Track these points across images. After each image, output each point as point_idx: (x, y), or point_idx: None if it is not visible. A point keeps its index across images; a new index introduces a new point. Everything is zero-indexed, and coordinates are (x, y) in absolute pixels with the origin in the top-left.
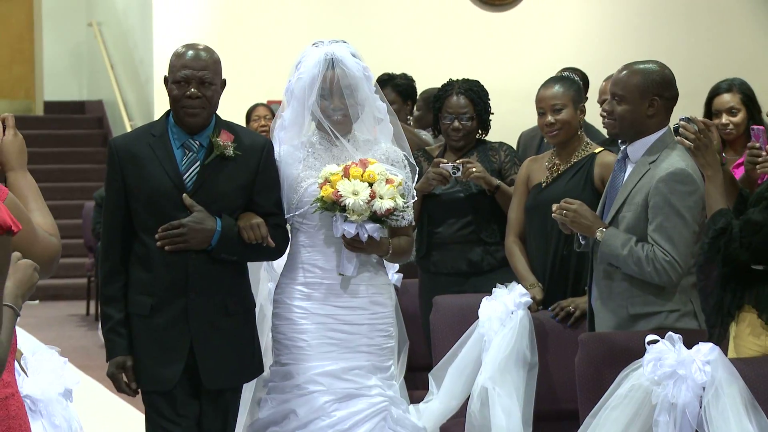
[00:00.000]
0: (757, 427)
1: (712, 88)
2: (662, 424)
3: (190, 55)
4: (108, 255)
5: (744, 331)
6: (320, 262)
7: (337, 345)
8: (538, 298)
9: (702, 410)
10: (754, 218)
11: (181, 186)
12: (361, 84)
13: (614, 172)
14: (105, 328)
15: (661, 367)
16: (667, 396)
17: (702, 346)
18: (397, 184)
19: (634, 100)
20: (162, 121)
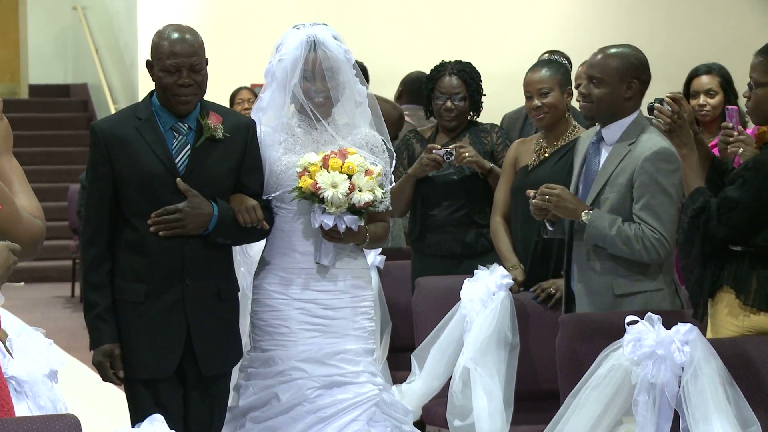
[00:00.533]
0: (735, 405)
1: (692, 70)
2: (642, 403)
3: (176, 40)
4: (93, 240)
5: (722, 312)
6: (299, 246)
7: (320, 330)
8: (519, 280)
9: (681, 390)
10: (731, 195)
11: (174, 170)
12: (343, 67)
13: (588, 155)
14: (90, 315)
15: (640, 348)
16: (647, 376)
17: (681, 326)
18: (376, 175)
19: (613, 83)
20: (146, 103)
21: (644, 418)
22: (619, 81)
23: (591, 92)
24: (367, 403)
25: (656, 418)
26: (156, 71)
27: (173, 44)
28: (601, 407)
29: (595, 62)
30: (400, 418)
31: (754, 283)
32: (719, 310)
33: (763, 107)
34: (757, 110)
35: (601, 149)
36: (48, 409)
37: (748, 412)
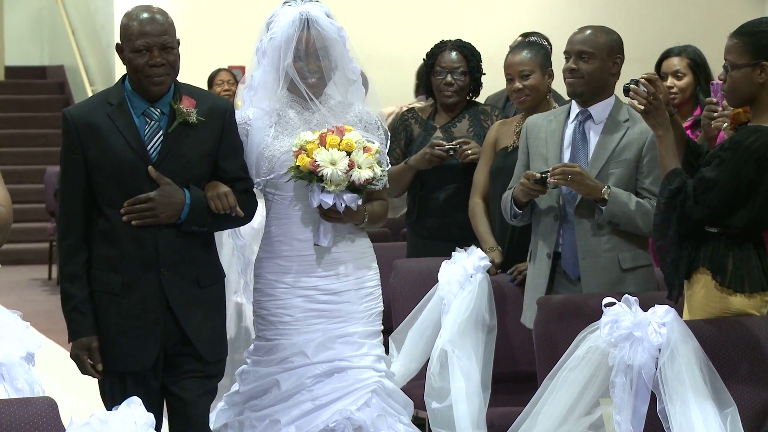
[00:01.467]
0: (712, 387)
1: (664, 51)
2: (619, 385)
3: (146, 19)
4: (68, 231)
5: (698, 293)
6: (296, 233)
7: (324, 315)
8: (497, 262)
9: (658, 371)
10: (707, 175)
11: (146, 157)
12: (336, 45)
13: (574, 133)
14: (67, 307)
15: (617, 329)
16: (624, 357)
17: (658, 308)
18: (374, 152)
19: (603, 58)
20: (118, 88)
21: (621, 399)
22: (607, 56)
23: (580, 67)
24: (364, 389)
25: (633, 400)
26: (126, 53)
27: (143, 24)
28: (579, 389)
29: (585, 38)
30: (398, 409)
31: (730, 264)
32: (695, 291)
33: (739, 89)
34: (734, 92)
35: (589, 128)
36: (25, 392)
37: (725, 394)
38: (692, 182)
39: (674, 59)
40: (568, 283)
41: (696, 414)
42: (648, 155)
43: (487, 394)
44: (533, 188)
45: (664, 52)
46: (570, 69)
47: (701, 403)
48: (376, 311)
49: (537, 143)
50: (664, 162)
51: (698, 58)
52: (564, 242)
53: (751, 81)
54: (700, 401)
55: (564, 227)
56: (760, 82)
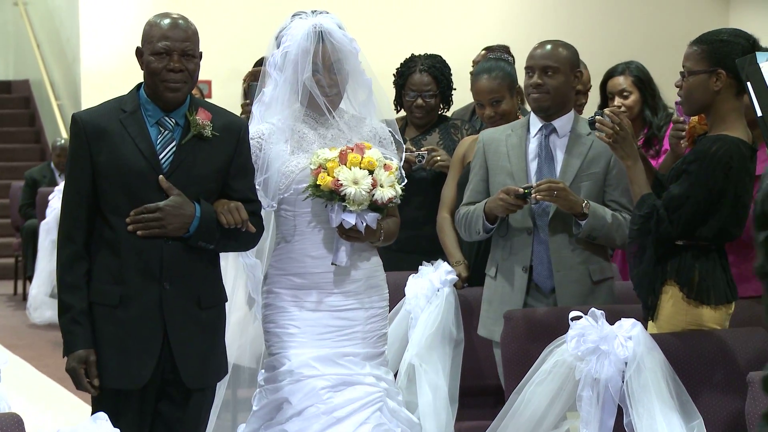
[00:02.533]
0: (678, 400)
1: (608, 71)
2: (586, 398)
3: (170, 24)
4: (70, 238)
5: (666, 304)
6: (310, 251)
7: (331, 332)
8: (463, 276)
9: (624, 384)
10: (675, 192)
11: (157, 166)
12: (349, 57)
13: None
14: (64, 318)
15: (584, 343)
16: (591, 371)
17: (624, 321)
18: (394, 170)
19: (566, 72)
20: (133, 95)
21: (588, 413)
22: (570, 70)
23: (546, 82)
24: (373, 404)
25: (600, 413)
26: (146, 56)
27: (166, 28)
28: (546, 403)
29: (548, 53)
30: (404, 429)
31: (696, 277)
32: (663, 303)
33: (694, 96)
34: (689, 99)
35: (554, 142)
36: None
37: (691, 407)
38: (661, 203)
39: (619, 78)
40: (540, 295)
41: (663, 427)
42: (615, 168)
43: (454, 407)
44: (514, 203)
45: (607, 72)
46: (536, 84)
47: (668, 416)
48: (381, 333)
49: (497, 157)
50: (636, 190)
51: (642, 75)
52: (536, 256)
53: (706, 88)
54: (667, 414)
55: (536, 241)
56: (715, 89)
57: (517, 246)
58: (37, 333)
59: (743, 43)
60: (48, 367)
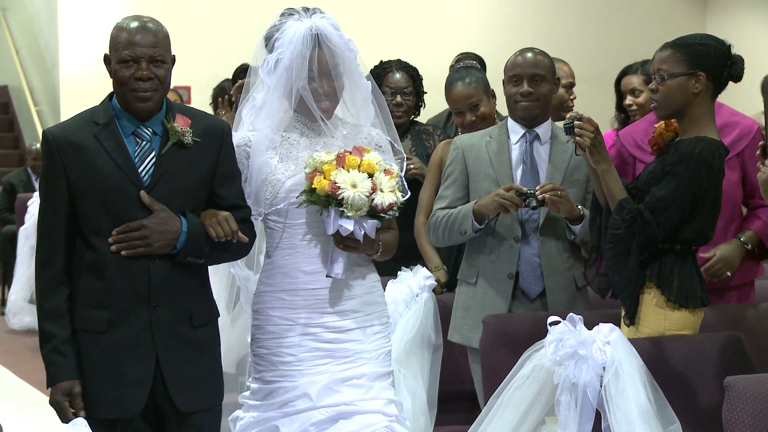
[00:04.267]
0: (656, 404)
1: (622, 70)
2: (564, 403)
3: (136, 29)
4: (49, 263)
5: (647, 307)
6: (303, 265)
7: (330, 355)
8: (442, 281)
9: (602, 389)
10: (661, 194)
11: (137, 181)
12: (347, 61)
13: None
14: (46, 348)
15: (562, 348)
16: (569, 376)
17: (602, 326)
18: (395, 176)
19: (550, 80)
20: (105, 106)
21: (566, 417)
22: (552, 77)
23: (536, 90)
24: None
25: (578, 418)
26: (113, 64)
27: (132, 33)
28: (524, 407)
29: (534, 61)
30: None
31: (675, 281)
32: (644, 306)
33: (672, 98)
34: (667, 101)
35: (537, 148)
36: None
37: (669, 411)
38: (645, 206)
39: (632, 77)
40: (526, 301)
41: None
42: None
43: (433, 412)
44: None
45: (621, 71)
46: (527, 93)
47: (645, 420)
48: (386, 350)
49: (479, 164)
50: (613, 194)
51: None
52: (523, 263)
53: (685, 90)
54: (645, 419)
55: (523, 248)
56: (694, 92)
57: (503, 253)
58: (17, 339)
59: (721, 48)
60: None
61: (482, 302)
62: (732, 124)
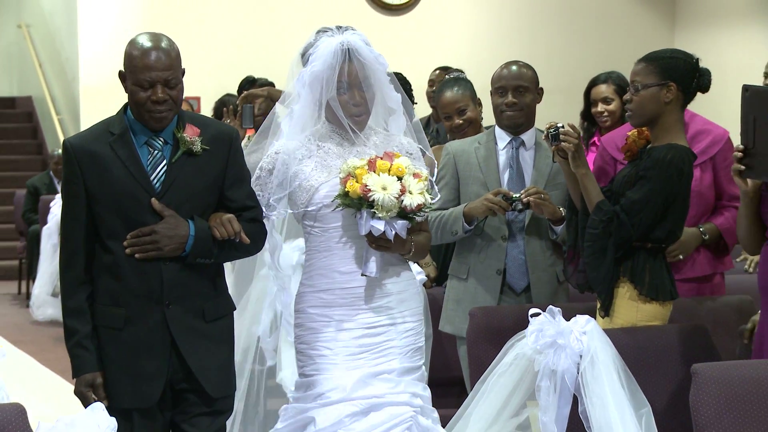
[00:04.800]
0: (628, 389)
1: (591, 79)
2: (544, 389)
3: (151, 54)
4: (70, 264)
5: (621, 300)
6: (338, 266)
7: (364, 350)
8: (432, 276)
9: (579, 376)
10: (635, 197)
11: (149, 188)
12: (377, 74)
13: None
14: (70, 342)
15: (542, 338)
16: (548, 363)
17: (579, 318)
18: (424, 179)
19: (533, 90)
20: (120, 117)
21: (546, 402)
22: (535, 88)
23: (520, 101)
24: (400, 425)
25: (557, 402)
26: (129, 84)
27: (147, 57)
28: (507, 392)
29: (519, 73)
30: None
31: (647, 276)
32: (618, 300)
33: (646, 108)
34: (641, 110)
35: (522, 154)
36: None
37: (640, 396)
38: (621, 208)
39: (602, 86)
40: (513, 294)
41: (614, 414)
42: None
43: None
44: (499, 204)
45: (591, 80)
46: (511, 103)
47: (619, 404)
48: (416, 346)
49: (469, 168)
50: (591, 197)
51: (623, 83)
52: (510, 260)
53: (658, 100)
54: (618, 403)
55: (510, 246)
56: (666, 101)
57: (492, 251)
58: (40, 329)
59: (690, 61)
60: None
61: (473, 296)
62: (705, 132)
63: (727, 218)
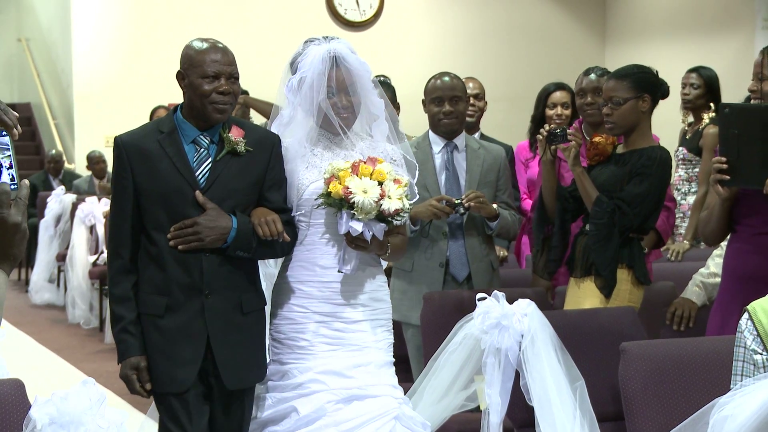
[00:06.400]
0: (564, 365)
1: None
2: (490, 365)
3: (216, 49)
4: (117, 253)
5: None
6: (319, 260)
7: (339, 343)
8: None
9: (521, 353)
10: (637, 191)
11: (194, 183)
12: (362, 80)
13: (446, 162)
14: (116, 328)
15: (488, 319)
16: (494, 342)
17: (521, 301)
18: (404, 185)
19: (465, 99)
20: (169, 117)
21: (492, 376)
22: (465, 96)
23: (456, 109)
24: (386, 416)
25: (501, 377)
26: (193, 79)
27: (212, 52)
28: (457, 368)
29: (453, 84)
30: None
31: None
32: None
33: (627, 118)
34: (622, 121)
35: (455, 157)
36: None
37: (575, 370)
38: (623, 201)
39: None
40: (455, 284)
41: (552, 387)
42: (504, 176)
43: None
44: (443, 210)
45: (546, 88)
46: (449, 112)
47: (556, 378)
48: (389, 341)
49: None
50: (588, 192)
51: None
52: (452, 253)
53: (636, 110)
54: (555, 377)
55: (451, 241)
56: (642, 110)
57: (435, 246)
58: (38, 312)
59: (652, 73)
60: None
61: (418, 286)
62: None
63: (662, 219)
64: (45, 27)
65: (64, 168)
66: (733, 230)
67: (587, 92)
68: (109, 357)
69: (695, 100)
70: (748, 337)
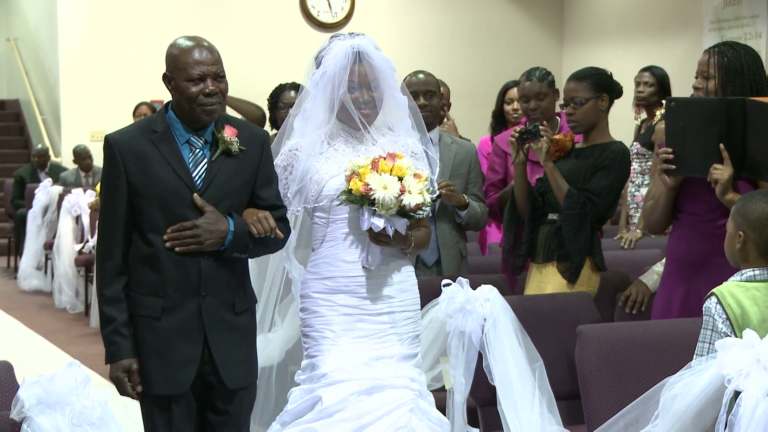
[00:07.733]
0: (524, 347)
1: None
2: (454, 347)
3: (198, 50)
4: (109, 253)
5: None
6: (343, 255)
7: (365, 335)
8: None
9: (484, 336)
10: (603, 183)
11: (191, 184)
12: (385, 76)
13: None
14: (107, 329)
15: (453, 304)
16: (458, 326)
17: (483, 287)
18: (424, 179)
19: (438, 94)
20: (161, 116)
21: (456, 358)
22: (438, 92)
23: (430, 103)
24: (403, 407)
25: (465, 358)
26: (179, 82)
27: (196, 53)
28: (424, 350)
29: (427, 80)
30: (435, 429)
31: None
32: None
33: (589, 117)
34: (585, 120)
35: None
36: None
37: (534, 352)
38: (592, 192)
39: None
40: (425, 268)
41: (512, 368)
42: (475, 170)
43: None
44: None
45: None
46: (423, 105)
47: (516, 359)
48: (414, 334)
49: None
50: (560, 185)
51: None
52: None
53: (596, 109)
54: (516, 358)
55: None
56: (602, 109)
57: None
58: (26, 298)
59: (607, 74)
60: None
61: None
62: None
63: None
64: (33, 27)
65: (51, 161)
66: (676, 218)
67: (530, 98)
68: (94, 340)
69: (648, 98)
70: (718, 320)
